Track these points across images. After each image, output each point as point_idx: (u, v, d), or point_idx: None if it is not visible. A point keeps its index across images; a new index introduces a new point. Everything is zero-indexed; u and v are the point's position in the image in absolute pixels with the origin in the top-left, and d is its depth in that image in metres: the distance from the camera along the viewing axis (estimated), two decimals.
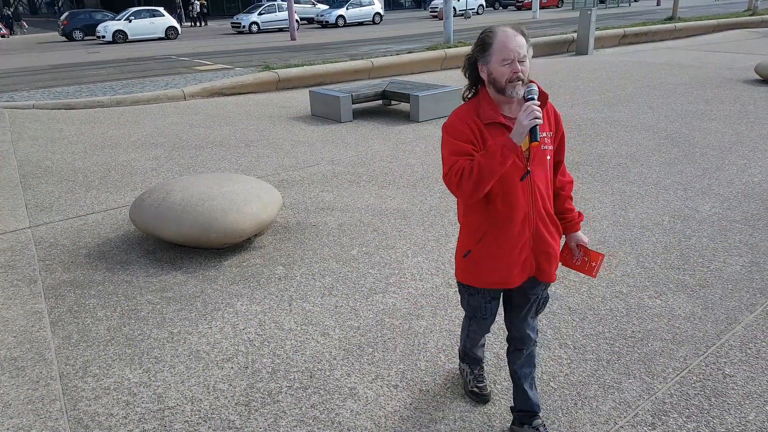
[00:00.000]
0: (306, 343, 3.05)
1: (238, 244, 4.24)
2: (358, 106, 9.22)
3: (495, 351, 2.92)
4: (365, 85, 9.08)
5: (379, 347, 2.99)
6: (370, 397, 2.63)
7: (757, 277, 3.55)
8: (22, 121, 8.64)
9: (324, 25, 30.62)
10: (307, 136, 7.50)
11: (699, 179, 5.31)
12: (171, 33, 26.51)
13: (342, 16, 30.58)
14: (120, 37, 25.22)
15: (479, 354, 2.59)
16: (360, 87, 8.90)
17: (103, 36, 25.13)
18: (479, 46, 1.94)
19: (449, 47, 13.97)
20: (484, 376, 2.61)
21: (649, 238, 4.16)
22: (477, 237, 2.08)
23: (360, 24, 31.62)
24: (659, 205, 4.73)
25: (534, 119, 1.79)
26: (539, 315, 2.27)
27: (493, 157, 1.84)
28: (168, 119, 8.73)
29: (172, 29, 26.54)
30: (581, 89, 9.85)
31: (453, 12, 14.83)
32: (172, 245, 4.30)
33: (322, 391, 2.68)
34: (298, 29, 24.55)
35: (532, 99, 1.86)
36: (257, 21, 28.56)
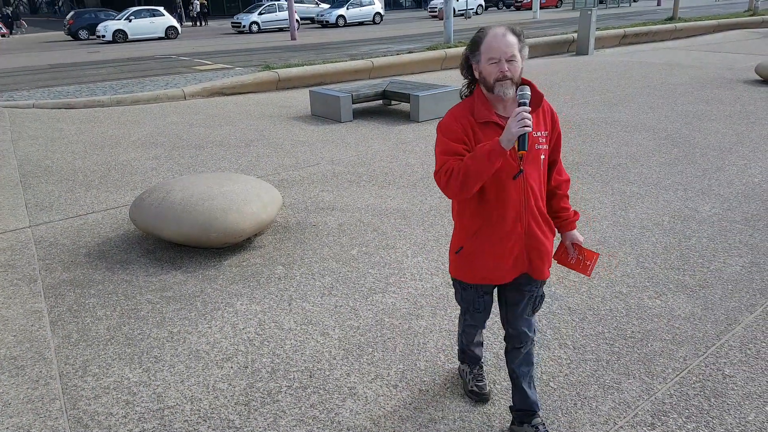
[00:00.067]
0: (306, 343, 3.05)
1: (237, 243, 4.24)
2: (358, 105, 9.22)
3: (494, 351, 2.92)
4: (365, 85, 9.08)
5: (379, 347, 2.99)
6: (369, 397, 2.63)
7: (757, 278, 3.55)
8: (22, 121, 8.64)
9: (324, 25, 30.62)
10: (307, 135, 7.50)
11: (699, 180, 5.31)
12: (171, 33, 26.51)
13: (342, 15, 30.57)
14: (120, 37, 25.22)
15: (477, 353, 2.59)
16: (360, 87, 8.90)
17: (103, 36, 25.13)
18: (471, 45, 1.98)
19: (449, 47, 13.97)
20: (483, 375, 2.61)
21: (649, 238, 4.16)
22: (469, 234, 2.12)
23: (360, 24, 31.63)
24: (659, 206, 4.73)
25: (523, 127, 1.80)
26: (536, 313, 2.27)
27: (481, 160, 1.86)
28: (168, 119, 8.73)
29: (172, 29, 26.54)
30: (581, 89, 9.85)
31: (453, 12, 14.82)
32: (172, 245, 4.30)
33: (321, 391, 2.68)
34: (298, 29, 24.56)
35: (524, 104, 1.85)
36: (257, 21, 28.58)
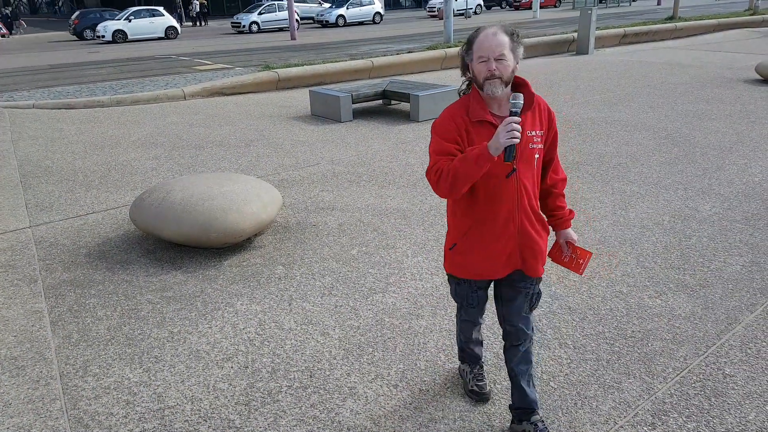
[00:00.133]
0: (306, 343, 3.05)
1: (238, 243, 4.24)
2: (358, 105, 9.22)
3: (495, 351, 2.92)
4: (365, 85, 9.08)
5: (379, 347, 2.99)
6: (369, 397, 2.63)
7: (758, 277, 3.55)
8: (22, 121, 8.64)
9: (324, 25, 30.60)
10: (307, 135, 7.50)
11: (699, 179, 5.30)
12: (171, 33, 26.50)
13: (342, 15, 30.56)
14: (120, 37, 25.21)
15: (477, 352, 2.59)
16: (360, 87, 8.90)
17: (103, 36, 25.12)
18: (466, 44, 2.02)
19: (449, 47, 13.96)
20: (483, 375, 2.61)
21: (650, 237, 4.15)
22: (462, 231, 2.16)
23: (360, 23, 31.62)
24: (659, 205, 4.73)
25: (511, 138, 1.81)
26: (534, 311, 2.28)
27: (469, 164, 1.90)
28: (168, 119, 8.73)
29: (171, 29, 26.54)
30: (582, 89, 9.85)
31: (452, 11, 14.80)
32: (172, 245, 4.30)
33: (321, 391, 2.68)
34: (298, 29, 24.56)
35: (515, 114, 1.86)
36: (257, 21, 28.56)
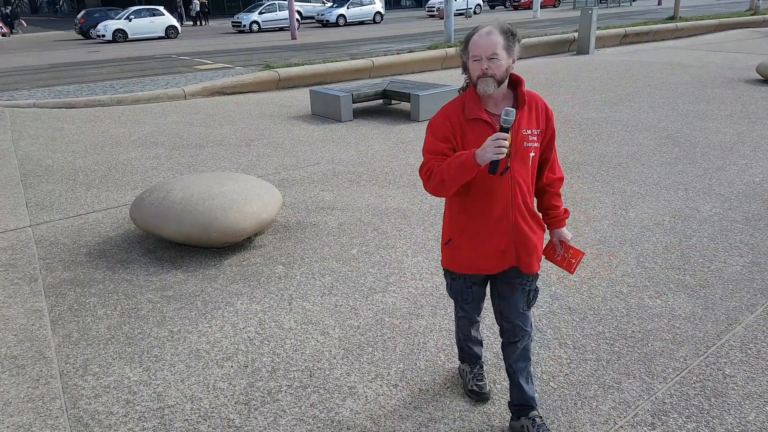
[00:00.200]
0: (306, 342, 3.05)
1: (238, 243, 4.24)
2: (358, 105, 9.22)
3: (495, 351, 2.92)
4: (366, 85, 9.08)
5: (379, 346, 2.99)
6: (369, 396, 2.63)
7: (758, 278, 3.55)
8: (22, 120, 8.64)
9: (325, 24, 30.60)
10: (308, 135, 7.50)
11: (700, 179, 5.30)
12: (171, 32, 26.48)
13: (343, 15, 30.55)
14: (120, 36, 25.20)
15: (476, 351, 2.60)
16: (360, 86, 8.90)
17: (103, 35, 25.11)
18: (463, 43, 2.05)
19: (450, 46, 13.94)
20: (483, 375, 2.61)
21: (650, 237, 4.15)
22: (457, 226, 2.20)
23: (361, 23, 31.61)
24: (660, 205, 4.73)
25: (497, 153, 1.86)
26: (531, 308, 2.29)
27: (456, 169, 1.95)
28: (168, 118, 8.73)
29: (172, 28, 26.52)
30: (582, 89, 9.84)
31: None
32: (172, 244, 4.30)
33: (321, 390, 2.68)
34: (298, 28, 24.55)
35: (505, 130, 1.88)
36: (258, 20, 28.56)
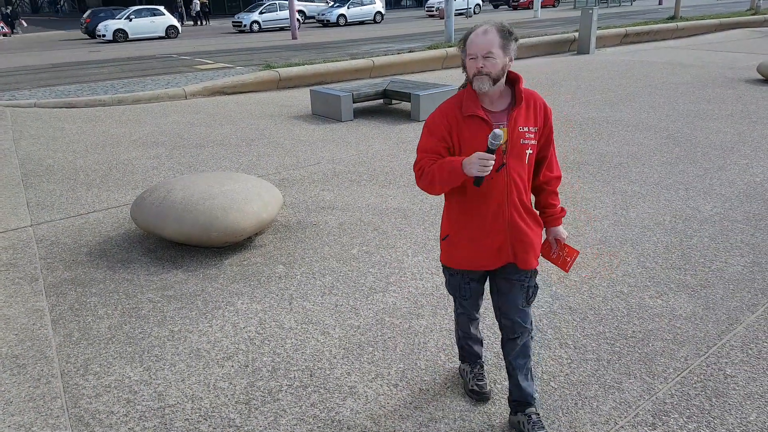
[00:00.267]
0: (306, 342, 3.05)
1: (238, 242, 4.24)
2: (358, 105, 9.22)
3: (495, 351, 2.92)
4: (366, 84, 9.08)
5: (379, 346, 2.99)
6: (370, 396, 2.63)
7: (759, 278, 3.55)
8: (23, 120, 8.64)
9: (325, 24, 30.60)
10: (308, 135, 7.50)
11: (701, 179, 5.30)
12: (171, 32, 26.48)
13: (343, 14, 30.54)
14: (120, 36, 25.21)
15: (476, 350, 2.60)
16: (361, 86, 8.90)
17: (104, 35, 25.11)
18: (461, 42, 2.08)
19: (450, 46, 13.94)
20: (484, 375, 2.61)
21: (651, 237, 4.15)
22: (454, 222, 2.22)
23: (361, 23, 31.61)
24: (660, 205, 4.73)
25: (481, 171, 1.92)
26: (531, 304, 2.30)
27: (446, 174, 2.01)
28: (169, 118, 8.73)
29: (172, 28, 26.52)
30: (583, 88, 9.84)
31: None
32: (172, 244, 4.30)
33: (322, 390, 2.68)
34: (299, 28, 24.55)
35: (491, 151, 1.92)
36: (258, 20, 28.55)
